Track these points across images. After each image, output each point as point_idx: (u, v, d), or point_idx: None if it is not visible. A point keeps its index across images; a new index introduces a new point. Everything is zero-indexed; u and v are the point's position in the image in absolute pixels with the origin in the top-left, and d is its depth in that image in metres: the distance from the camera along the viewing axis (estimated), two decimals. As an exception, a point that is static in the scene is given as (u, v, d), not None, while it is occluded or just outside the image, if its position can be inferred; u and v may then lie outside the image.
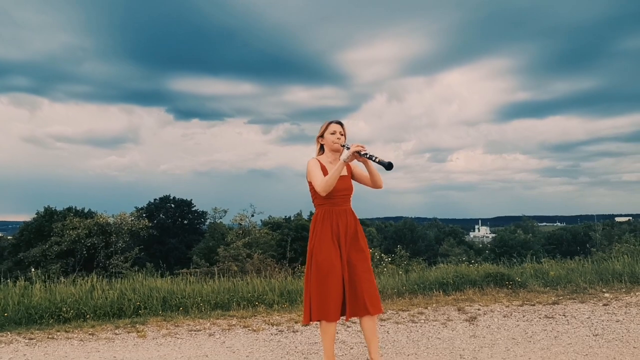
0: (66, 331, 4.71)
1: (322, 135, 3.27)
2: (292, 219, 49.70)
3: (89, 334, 4.59)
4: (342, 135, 3.23)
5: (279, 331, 4.56)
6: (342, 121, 3.27)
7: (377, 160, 2.93)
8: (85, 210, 38.62)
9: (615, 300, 5.44)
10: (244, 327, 4.76)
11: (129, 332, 4.66)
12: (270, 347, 4.05)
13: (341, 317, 3.15)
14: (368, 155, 2.98)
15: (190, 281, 6.65)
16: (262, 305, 5.84)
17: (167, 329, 4.83)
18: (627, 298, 5.52)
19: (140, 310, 5.61)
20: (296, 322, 4.85)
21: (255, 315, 5.31)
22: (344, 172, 3.22)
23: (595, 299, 5.53)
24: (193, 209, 49.47)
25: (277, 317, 5.15)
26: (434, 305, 5.53)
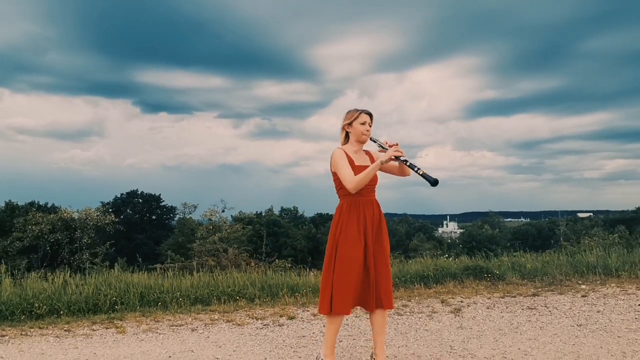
0: (40, 327, 4.49)
1: (350, 124, 3.14)
2: (263, 214, 49.44)
3: (65, 330, 4.39)
4: (370, 126, 3.13)
5: (264, 325, 4.47)
6: (371, 112, 3.15)
7: (420, 172, 2.84)
8: (49, 205, 37.42)
9: (592, 291, 5.56)
10: (228, 321, 4.64)
11: (107, 328, 4.48)
12: (257, 341, 3.96)
13: (355, 308, 3.08)
14: (408, 164, 2.90)
15: (167, 276, 6.47)
16: (243, 300, 5.72)
17: (146, 324, 4.67)
18: (603, 289, 5.65)
19: (117, 305, 5.42)
20: (281, 316, 4.77)
21: (237, 310, 5.19)
22: (369, 163, 3.12)
23: (573, 291, 5.64)
24: (162, 204, 48.56)
25: (260, 311, 5.05)
26: (416, 297, 5.53)
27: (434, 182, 2.79)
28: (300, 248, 43.91)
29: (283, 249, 42.87)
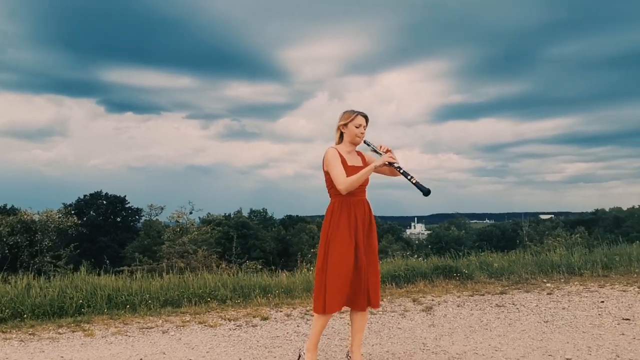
0: (3, 331, 4.32)
1: (345, 125, 3.13)
2: (232, 216, 48.96)
3: (29, 334, 4.24)
4: (365, 129, 3.14)
5: (237, 326, 4.43)
6: (367, 115, 3.15)
7: (413, 181, 2.86)
8: (8, 207, 36.06)
9: (557, 289, 5.74)
10: (200, 323, 4.58)
11: (73, 332, 4.35)
12: (230, 342, 3.92)
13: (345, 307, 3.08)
14: (402, 171, 2.92)
15: (135, 278, 6.32)
16: (215, 301, 5.65)
17: (115, 327, 4.56)
18: (567, 287, 5.84)
19: (84, 308, 5.26)
20: (254, 317, 4.74)
21: (209, 311, 5.13)
22: (360, 163, 3.13)
23: (539, 289, 5.80)
24: (127, 205, 47.48)
25: (232, 313, 5.00)
26: (388, 297, 5.59)
27: (426, 192, 2.81)
28: (269, 250, 43.71)
29: (252, 251, 42.53)
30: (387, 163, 2.93)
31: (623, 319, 4.22)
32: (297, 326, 4.37)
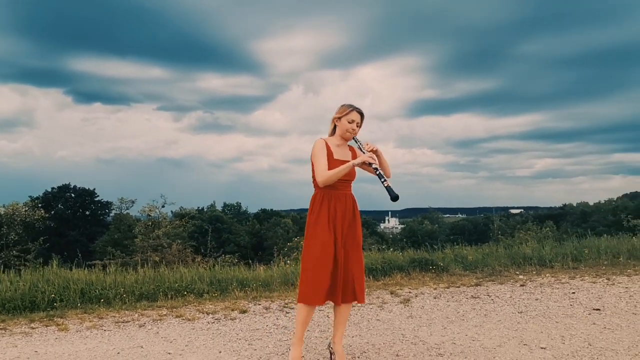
0: (-29, 327, 4.18)
1: (340, 118, 3.11)
2: (205, 210, 48.44)
3: (0, 329, 4.11)
4: (358, 126, 3.11)
5: (216, 319, 4.39)
6: (363, 112, 3.11)
7: (385, 184, 2.85)
8: (-28, 200, 34.86)
9: (530, 281, 5.88)
10: (177, 316, 4.52)
11: (47, 326, 4.24)
12: (209, 336, 3.88)
13: (328, 302, 3.05)
14: (378, 172, 2.90)
15: (109, 272, 6.20)
16: (192, 295, 5.59)
17: (90, 321, 4.46)
18: (539, 279, 5.99)
19: (56, 302, 5.14)
20: (232, 310, 4.71)
21: (186, 305, 5.07)
22: (348, 158, 3.10)
23: (512, 281, 5.94)
24: (96, 199, 46.45)
25: (210, 306, 4.96)
26: (366, 289, 5.62)
27: (394, 198, 2.82)
28: (243, 244, 43.46)
29: (226, 245, 42.20)
30: (366, 162, 2.93)
31: (594, 309, 4.35)
32: (277, 319, 4.37)
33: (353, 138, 3.11)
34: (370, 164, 2.92)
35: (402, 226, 63.41)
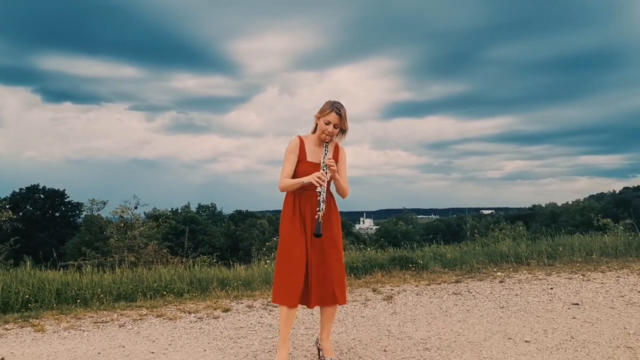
0: (-59, 330, 4.01)
1: (319, 117, 2.97)
2: (179, 211, 47.78)
3: (-28, 332, 3.96)
4: (336, 128, 2.96)
5: (198, 318, 4.32)
6: (342, 113, 2.93)
7: (317, 215, 2.77)
8: None
9: (508, 277, 5.98)
10: (158, 316, 4.43)
11: (22, 327, 4.10)
12: (193, 335, 3.81)
13: (303, 305, 2.99)
14: (319, 199, 2.78)
15: (85, 272, 6.05)
16: (171, 295, 5.50)
17: (67, 321, 4.34)
18: (516, 276, 6.09)
19: (30, 303, 4.99)
20: (215, 309, 4.64)
21: (166, 305, 4.98)
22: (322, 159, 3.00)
23: (490, 277, 6.02)
24: (66, 200, 45.32)
25: (191, 305, 4.88)
26: (348, 287, 5.62)
27: (316, 234, 2.75)
28: (219, 245, 43.01)
29: (201, 247, 41.60)
30: (313, 182, 2.81)
31: (572, 303, 4.45)
32: (261, 317, 4.32)
33: (325, 144, 2.97)
34: (315, 185, 2.81)
35: (377, 227, 63.85)
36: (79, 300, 5.22)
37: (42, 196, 45.01)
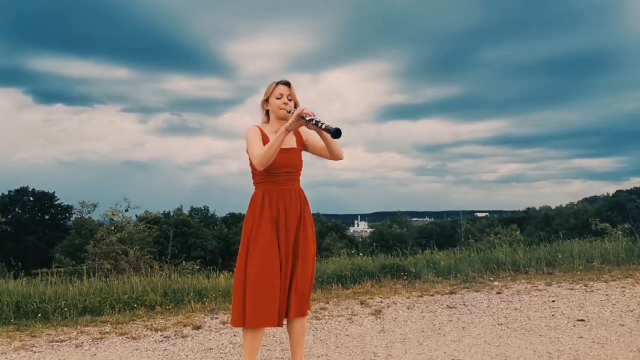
0: None
1: (267, 100, 2.69)
2: (171, 214, 47.24)
3: None
4: (290, 99, 2.66)
5: (165, 337, 3.89)
6: (289, 82, 2.68)
7: (323, 126, 2.43)
8: None
9: (506, 288, 5.59)
10: (121, 334, 4.00)
11: (-35, 349, 3.66)
12: (154, 358, 3.39)
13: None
14: (314, 121, 2.45)
15: (51, 282, 5.61)
16: (142, 308, 5.07)
17: (20, 340, 3.91)
18: (515, 286, 5.71)
19: (-16, 319, 4.54)
20: (185, 326, 4.21)
21: (134, 320, 4.55)
22: (292, 144, 2.65)
23: (487, 288, 5.64)
24: (56, 202, 44.73)
25: (161, 321, 4.45)
26: (334, 299, 5.22)
27: (334, 133, 2.40)
28: (210, 249, 42.55)
29: (192, 250, 41.25)
30: (298, 118, 2.46)
31: (578, 319, 4.06)
32: (234, 335, 3.90)
33: (289, 112, 2.63)
34: (303, 117, 2.46)
35: (372, 230, 63.54)
36: (39, 315, 4.78)
37: (31, 199, 44.42)
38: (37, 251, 37.53)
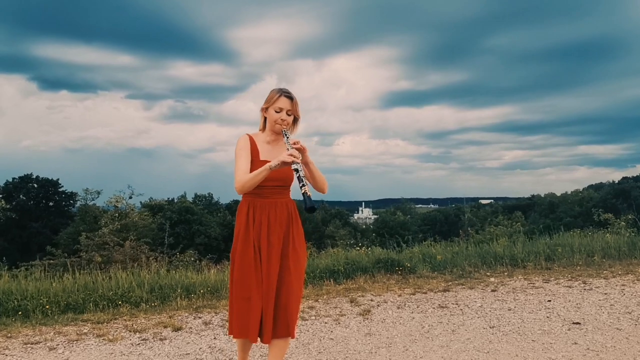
0: None
1: (267, 108, 2.52)
2: (175, 201, 47.27)
3: None
4: (290, 114, 2.49)
5: (142, 340, 3.75)
6: (292, 96, 2.50)
7: (303, 190, 2.24)
8: None
9: (501, 285, 5.42)
10: (98, 336, 3.87)
11: None
12: (128, 364, 3.25)
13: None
14: (298, 175, 2.27)
15: (35, 277, 5.49)
16: (127, 305, 4.94)
17: (-6, 342, 3.78)
18: (511, 282, 5.54)
19: (-39, 318, 4.42)
20: (165, 327, 4.07)
21: (115, 319, 4.42)
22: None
23: (482, 284, 5.47)
24: (60, 189, 44.79)
25: (142, 321, 4.31)
26: (324, 296, 5.07)
27: (309, 209, 2.20)
28: (214, 236, 42.65)
29: (196, 237, 41.38)
30: (284, 162, 2.29)
31: (573, 322, 3.89)
32: (214, 338, 3.76)
33: (282, 131, 2.48)
34: (286, 163, 2.29)
35: (376, 216, 63.42)
36: (20, 313, 4.66)
37: (35, 186, 44.48)
38: (42, 238, 37.68)
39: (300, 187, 2.24)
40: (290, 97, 2.49)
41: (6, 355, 3.49)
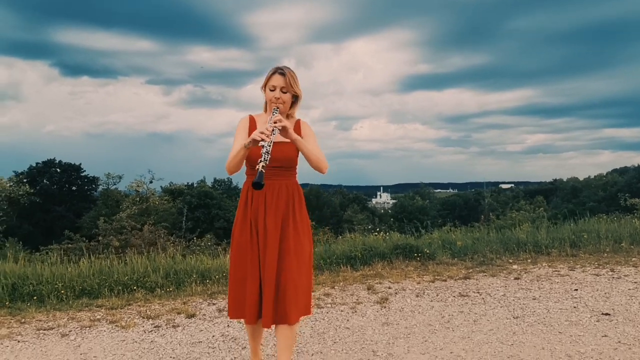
0: None
1: (264, 87, 2.45)
2: (194, 185, 47.64)
3: None
4: (285, 91, 2.38)
5: (155, 327, 3.69)
6: (284, 71, 2.38)
7: (257, 166, 2.09)
8: (-47, 175, 33.89)
9: (525, 272, 5.23)
10: (111, 322, 3.82)
11: (-52, 337, 3.53)
12: (139, 352, 3.18)
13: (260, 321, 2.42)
14: (264, 151, 2.13)
15: (51, 262, 5.49)
16: (142, 290, 4.90)
17: (8, 327, 3.76)
18: (535, 270, 5.34)
19: (-22, 302, 4.43)
20: (179, 313, 4.01)
21: (129, 304, 4.38)
22: (285, 139, 2.31)
23: (505, 272, 5.29)
24: (82, 174, 45.50)
25: (156, 307, 4.26)
26: (341, 283, 4.96)
27: (255, 184, 2.07)
28: (233, 220, 42.83)
29: (215, 221, 41.68)
30: (254, 139, 2.17)
31: (602, 313, 3.70)
32: (227, 326, 3.68)
33: (273, 109, 2.36)
34: (256, 142, 2.17)
35: (394, 201, 63.00)
36: (35, 298, 4.65)
37: (58, 170, 45.24)
38: (66, 221, 38.38)
39: (258, 162, 2.11)
40: (283, 74, 2.37)
41: (18, 342, 3.45)
